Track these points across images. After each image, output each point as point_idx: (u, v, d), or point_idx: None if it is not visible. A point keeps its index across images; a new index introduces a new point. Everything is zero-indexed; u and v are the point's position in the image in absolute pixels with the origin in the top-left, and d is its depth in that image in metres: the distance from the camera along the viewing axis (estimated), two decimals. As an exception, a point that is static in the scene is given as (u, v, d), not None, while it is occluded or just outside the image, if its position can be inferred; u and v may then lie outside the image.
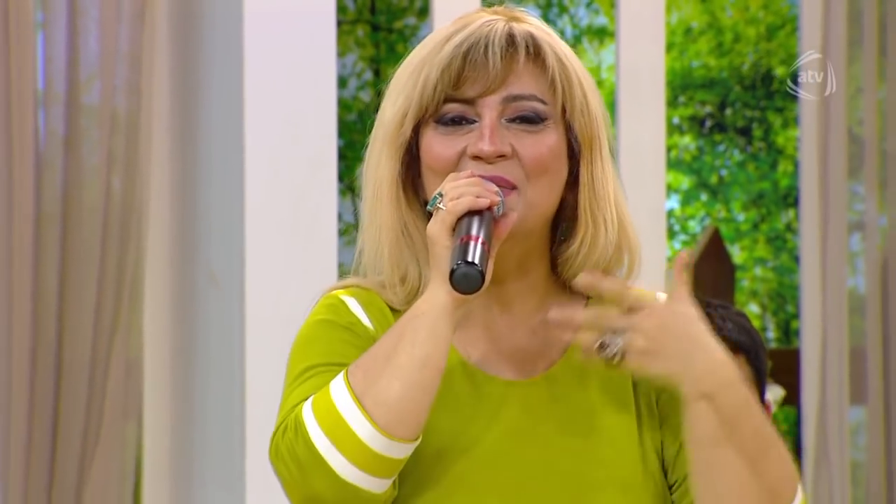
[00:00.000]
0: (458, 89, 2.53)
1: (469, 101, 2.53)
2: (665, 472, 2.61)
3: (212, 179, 4.65)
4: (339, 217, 4.64)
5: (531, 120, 2.54)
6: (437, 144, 2.54)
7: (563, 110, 2.56)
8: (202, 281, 4.65)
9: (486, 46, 2.52)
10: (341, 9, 5.83)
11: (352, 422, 2.44)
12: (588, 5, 6.47)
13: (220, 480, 4.63)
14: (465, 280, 2.44)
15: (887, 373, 4.88)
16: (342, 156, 4.71)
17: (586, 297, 2.63)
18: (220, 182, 4.64)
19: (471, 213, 2.45)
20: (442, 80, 2.53)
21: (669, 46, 5.01)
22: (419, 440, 2.49)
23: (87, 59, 4.39)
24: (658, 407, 2.61)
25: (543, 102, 2.55)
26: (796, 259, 7.01)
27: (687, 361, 2.47)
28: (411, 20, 6.32)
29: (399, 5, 6.51)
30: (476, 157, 2.51)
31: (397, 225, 2.58)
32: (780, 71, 6.06)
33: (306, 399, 2.48)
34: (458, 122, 2.53)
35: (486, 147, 2.50)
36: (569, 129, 2.57)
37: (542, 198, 2.55)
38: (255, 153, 4.54)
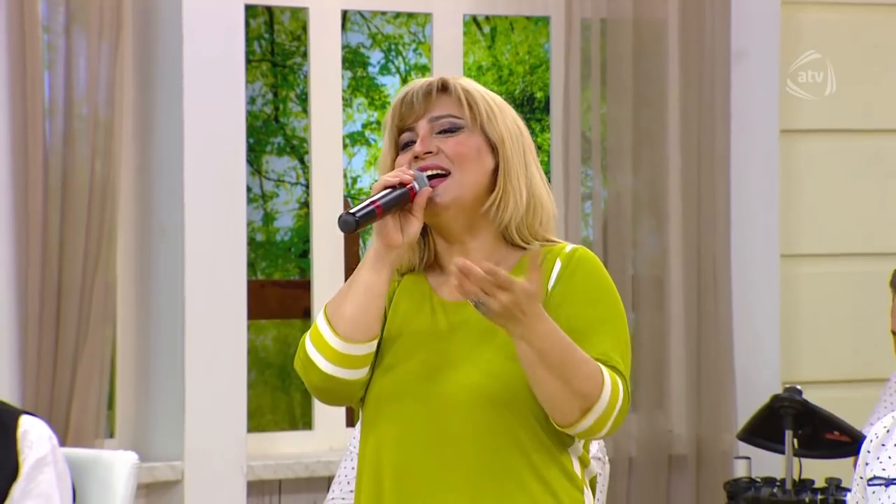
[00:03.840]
0: (404, 122, 2.70)
1: (412, 129, 2.69)
2: None
3: (162, 164, 4.58)
4: (249, 189, 4.67)
5: (449, 129, 2.67)
6: (403, 162, 2.68)
7: (479, 124, 2.67)
8: (155, 231, 4.59)
9: (415, 91, 2.69)
10: (250, 51, 5.70)
11: (325, 333, 2.60)
12: (415, 49, 6.54)
13: (167, 366, 4.57)
14: (342, 223, 2.56)
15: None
16: (250, 148, 4.67)
17: (523, 252, 2.69)
18: (168, 166, 4.56)
19: (386, 187, 2.60)
20: (396, 118, 2.70)
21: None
22: (373, 342, 2.60)
23: (79, 84, 4.36)
24: None
25: (457, 117, 2.67)
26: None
27: (510, 319, 2.52)
28: (298, 59, 6.40)
29: (290, 50, 6.51)
30: (416, 158, 2.66)
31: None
32: (539, 95, 6.08)
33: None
34: (410, 144, 2.68)
35: (418, 147, 2.66)
36: (484, 133, 2.68)
37: (469, 178, 2.65)
38: (191, 145, 4.52)
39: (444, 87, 2.70)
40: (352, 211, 2.56)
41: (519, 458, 2.62)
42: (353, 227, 2.55)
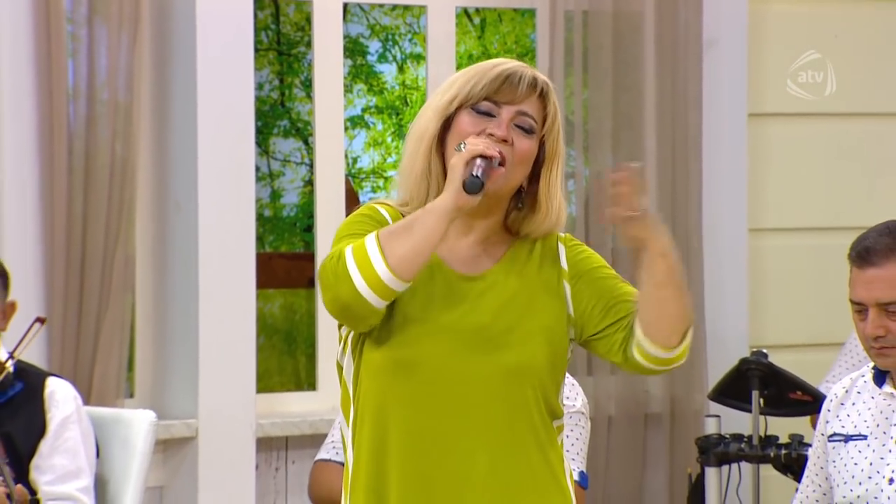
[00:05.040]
0: (495, 94, 2.59)
1: (497, 104, 2.59)
2: (577, 333, 2.63)
3: (177, 145, 4.56)
4: (257, 169, 4.61)
5: (526, 130, 2.60)
6: (468, 123, 2.59)
7: (542, 133, 2.62)
8: (171, 207, 4.58)
9: (521, 77, 2.60)
10: (258, 41, 5.69)
11: (373, 258, 2.49)
12: (410, 39, 6.51)
13: (182, 332, 4.57)
14: (471, 185, 2.51)
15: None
16: (258, 131, 4.60)
17: (515, 239, 2.66)
18: (182, 147, 4.54)
19: (480, 157, 2.53)
20: (490, 85, 2.59)
21: (459, 67, 5.21)
22: (409, 284, 2.52)
23: (100, 71, 4.35)
24: (574, 290, 2.63)
25: (536, 122, 2.61)
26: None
27: (657, 227, 2.57)
28: (302, 48, 6.38)
29: (295, 40, 6.49)
30: (490, 135, 2.57)
31: (426, 167, 2.61)
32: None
33: (343, 247, 2.52)
34: (485, 113, 2.59)
35: (500, 132, 2.58)
36: (541, 145, 2.62)
37: (515, 178, 2.60)
38: (204, 128, 4.50)
39: (541, 90, 2.64)
40: (476, 175, 2.51)
41: (528, 429, 2.58)
42: (480, 188, 2.51)
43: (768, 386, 4.50)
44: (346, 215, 2.76)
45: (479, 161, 2.53)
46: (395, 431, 2.56)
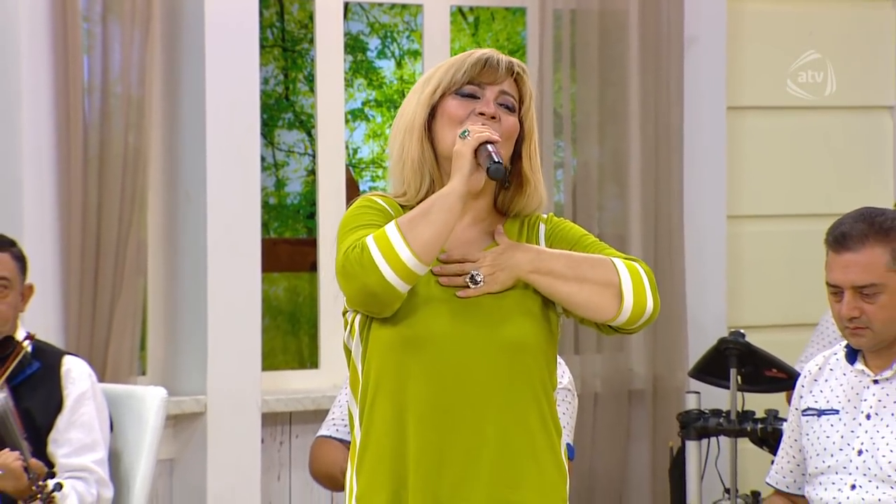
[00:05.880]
0: (478, 77, 2.59)
1: (481, 86, 2.59)
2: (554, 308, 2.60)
3: (186, 137, 4.54)
4: (262, 159, 4.57)
5: (509, 108, 2.60)
6: (455, 106, 2.59)
7: (521, 112, 2.62)
8: (181, 196, 4.57)
9: (498, 60, 2.60)
10: (264, 38, 5.71)
11: (397, 246, 2.46)
12: (408, 37, 6.50)
13: (191, 313, 4.56)
14: (497, 170, 2.48)
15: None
16: (263, 123, 4.60)
17: (505, 217, 2.65)
18: (192, 138, 4.53)
19: (486, 142, 2.52)
20: (471, 70, 2.58)
21: (453, 61, 5.15)
22: (429, 267, 2.50)
23: (114, 67, 4.34)
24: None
25: (516, 100, 2.62)
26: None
27: (505, 272, 2.55)
28: (305, 45, 6.33)
29: (298, 37, 6.46)
30: (480, 114, 2.57)
31: (419, 155, 2.60)
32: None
33: (361, 238, 2.49)
34: (469, 96, 2.59)
35: (489, 109, 2.57)
36: (520, 124, 2.62)
37: (505, 152, 2.58)
38: (212, 121, 4.48)
39: (516, 73, 2.64)
40: (498, 161, 2.50)
41: (531, 399, 2.56)
42: (505, 172, 2.51)
43: (745, 364, 4.51)
44: (347, 203, 2.76)
45: (490, 147, 2.52)
46: (408, 406, 2.53)
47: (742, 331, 4.54)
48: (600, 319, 2.55)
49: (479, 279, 2.54)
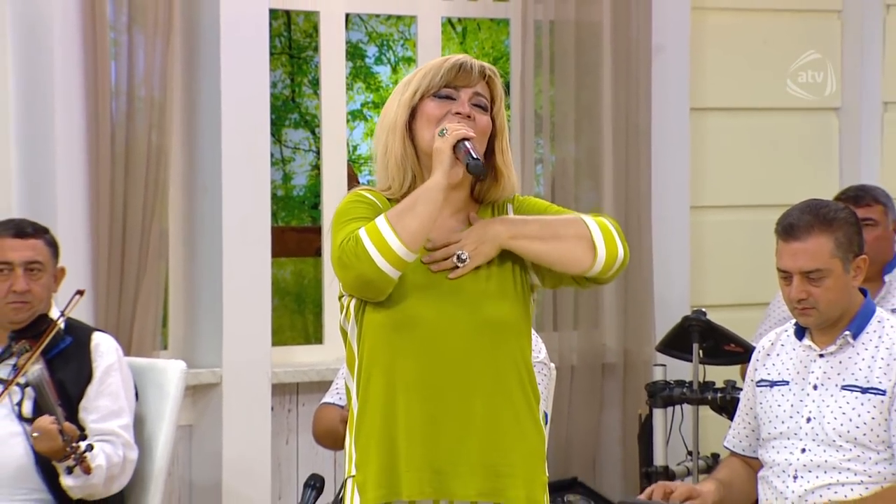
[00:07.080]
0: (454, 81, 2.58)
1: (456, 88, 2.58)
2: (539, 277, 2.60)
3: (204, 136, 4.51)
4: (271, 155, 4.54)
5: (482, 107, 2.59)
6: (433, 107, 2.58)
7: (493, 111, 2.61)
8: (199, 188, 4.54)
9: (472, 65, 2.59)
10: (273, 46, 5.62)
11: (387, 237, 2.46)
12: (403, 45, 6.48)
13: (208, 294, 4.52)
14: (476, 167, 2.48)
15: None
16: (272, 123, 4.55)
17: (479, 206, 2.63)
18: (208, 137, 4.50)
19: (463, 139, 2.51)
20: (447, 74, 2.58)
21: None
22: (417, 255, 2.49)
23: (138, 72, 4.29)
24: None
25: (488, 100, 2.60)
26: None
27: (488, 244, 2.54)
28: (310, 52, 6.36)
29: (304, 45, 6.52)
30: (457, 114, 2.56)
31: (402, 152, 2.59)
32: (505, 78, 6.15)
33: (354, 230, 2.49)
34: (446, 97, 2.58)
35: (464, 110, 2.56)
36: (493, 121, 2.61)
37: (481, 149, 2.57)
38: (227, 121, 4.45)
39: (487, 75, 2.63)
40: (477, 158, 2.48)
41: (513, 372, 2.56)
42: (482, 168, 2.49)
43: (706, 339, 4.51)
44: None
45: (467, 144, 2.50)
46: (398, 380, 2.53)
47: (703, 310, 4.55)
48: (578, 271, 2.54)
49: (464, 257, 2.53)
